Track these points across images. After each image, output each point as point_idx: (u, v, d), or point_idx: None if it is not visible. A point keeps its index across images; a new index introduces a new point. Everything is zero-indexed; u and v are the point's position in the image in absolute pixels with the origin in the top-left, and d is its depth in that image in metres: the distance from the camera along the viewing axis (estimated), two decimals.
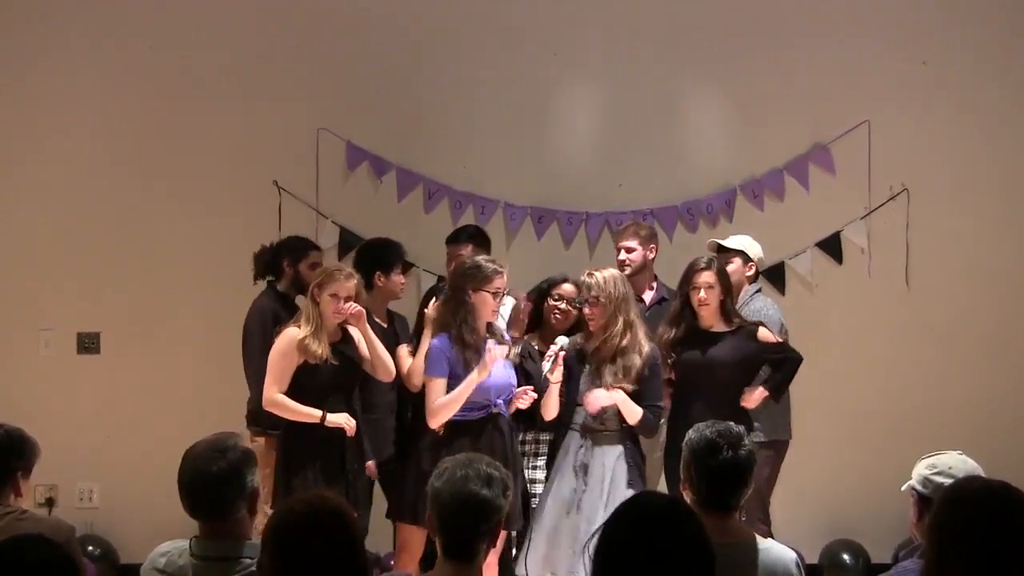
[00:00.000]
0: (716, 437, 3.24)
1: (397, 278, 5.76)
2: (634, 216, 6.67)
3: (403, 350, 5.53)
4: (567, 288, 5.53)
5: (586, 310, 5.19)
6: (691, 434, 3.31)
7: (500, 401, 5.08)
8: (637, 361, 5.10)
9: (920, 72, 6.80)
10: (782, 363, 5.42)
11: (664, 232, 6.64)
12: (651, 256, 6.07)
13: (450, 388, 5.01)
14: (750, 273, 5.93)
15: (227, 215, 6.78)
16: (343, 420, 5.13)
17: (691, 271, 5.43)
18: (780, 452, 5.83)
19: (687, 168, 6.86)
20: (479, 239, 6.01)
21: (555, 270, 5.74)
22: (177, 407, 6.64)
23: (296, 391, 5.15)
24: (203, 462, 3.11)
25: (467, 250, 5.80)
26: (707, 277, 5.38)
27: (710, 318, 5.41)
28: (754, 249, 5.97)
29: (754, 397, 5.33)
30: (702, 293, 5.37)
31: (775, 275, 6.74)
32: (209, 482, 3.09)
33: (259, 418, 5.54)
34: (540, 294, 5.60)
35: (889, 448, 6.33)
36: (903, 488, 3.35)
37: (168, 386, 6.78)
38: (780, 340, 5.50)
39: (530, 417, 5.29)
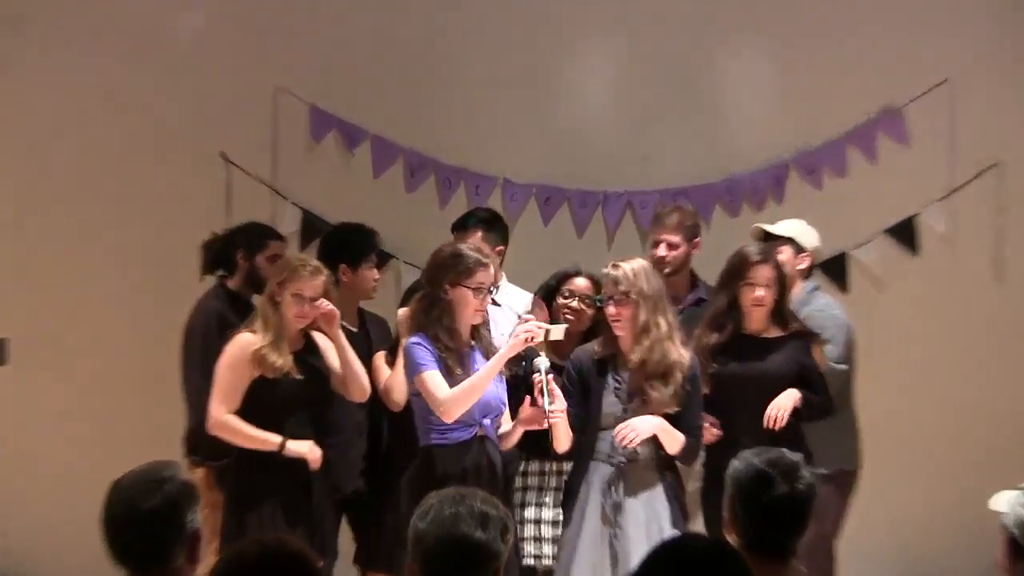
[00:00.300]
0: (766, 467, 3.26)
1: (368, 272, 5.76)
2: (662, 197, 6.67)
3: (380, 359, 5.49)
4: (580, 283, 5.51)
5: (611, 309, 5.14)
6: (736, 464, 3.32)
7: (487, 421, 5.05)
8: (679, 376, 5.07)
9: (1013, 20, 6.79)
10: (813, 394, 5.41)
11: (700, 217, 6.62)
12: (693, 253, 6.03)
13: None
14: (803, 266, 5.91)
15: (163, 196, 6.74)
16: (306, 449, 5.13)
17: (743, 264, 5.39)
18: (846, 486, 5.81)
19: (728, 137, 6.85)
20: (490, 225, 5.96)
21: (565, 262, 5.70)
22: (103, 430, 6.61)
23: (249, 411, 5.14)
24: (134, 497, 3.11)
25: (476, 238, 5.77)
26: (766, 272, 5.36)
27: (761, 321, 5.39)
28: (808, 236, 5.95)
29: (783, 404, 5.25)
30: (759, 292, 5.34)
31: (835, 269, 6.74)
32: (141, 521, 3.08)
33: (199, 445, 5.52)
34: (548, 291, 5.59)
35: (979, 478, 6.27)
36: (992, 506, 3.34)
37: (92, 404, 6.75)
38: (822, 373, 5.49)
39: (535, 444, 5.27)
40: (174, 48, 6.79)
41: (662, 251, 5.92)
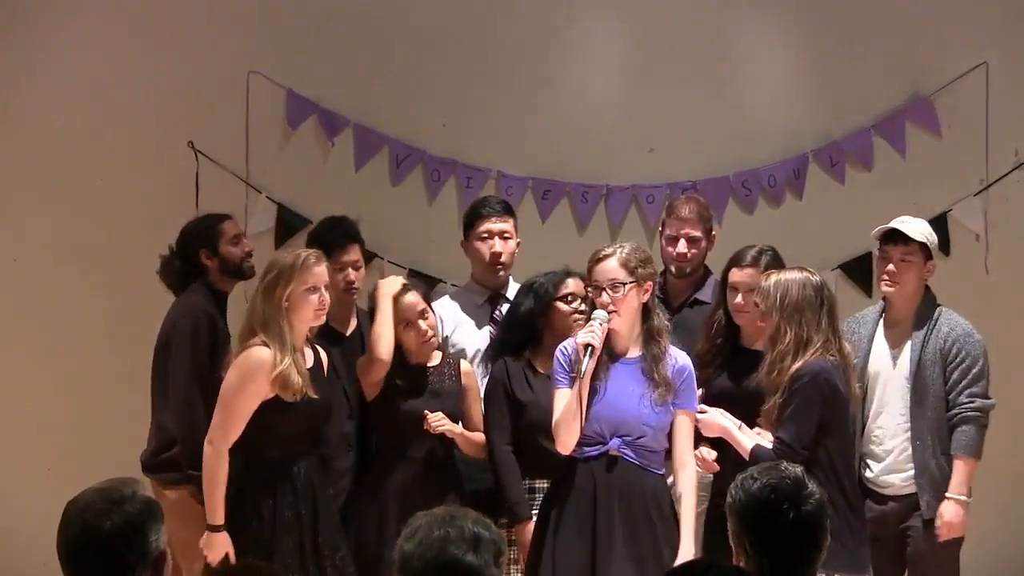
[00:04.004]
0: (769, 494, 3.30)
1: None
2: (671, 190, 6.67)
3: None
4: (574, 284, 5.51)
5: (758, 322, 5.20)
6: (735, 493, 3.36)
7: (618, 441, 5.00)
8: (779, 391, 5.06)
9: None
10: None
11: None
12: (709, 251, 6.00)
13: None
14: (931, 277, 5.66)
15: (126, 189, 6.77)
16: (220, 554, 4.99)
17: (728, 264, 5.43)
18: None
19: (742, 127, 6.86)
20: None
21: (565, 261, 5.69)
22: (59, 446, 6.65)
23: (258, 436, 5.04)
24: (91, 517, 3.12)
25: (510, 225, 5.83)
26: (750, 275, 5.34)
27: (753, 332, 5.37)
28: (933, 238, 5.67)
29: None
30: (739, 298, 5.36)
31: (859, 270, 6.77)
32: (100, 544, 3.09)
33: (192, 455, 5.40)
34: (539, 299, 5.54)
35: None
36: None
37: (46, 418, 6.78)
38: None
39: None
40: (137, 28, 6.80)
41: (682, 247, 5.82)
